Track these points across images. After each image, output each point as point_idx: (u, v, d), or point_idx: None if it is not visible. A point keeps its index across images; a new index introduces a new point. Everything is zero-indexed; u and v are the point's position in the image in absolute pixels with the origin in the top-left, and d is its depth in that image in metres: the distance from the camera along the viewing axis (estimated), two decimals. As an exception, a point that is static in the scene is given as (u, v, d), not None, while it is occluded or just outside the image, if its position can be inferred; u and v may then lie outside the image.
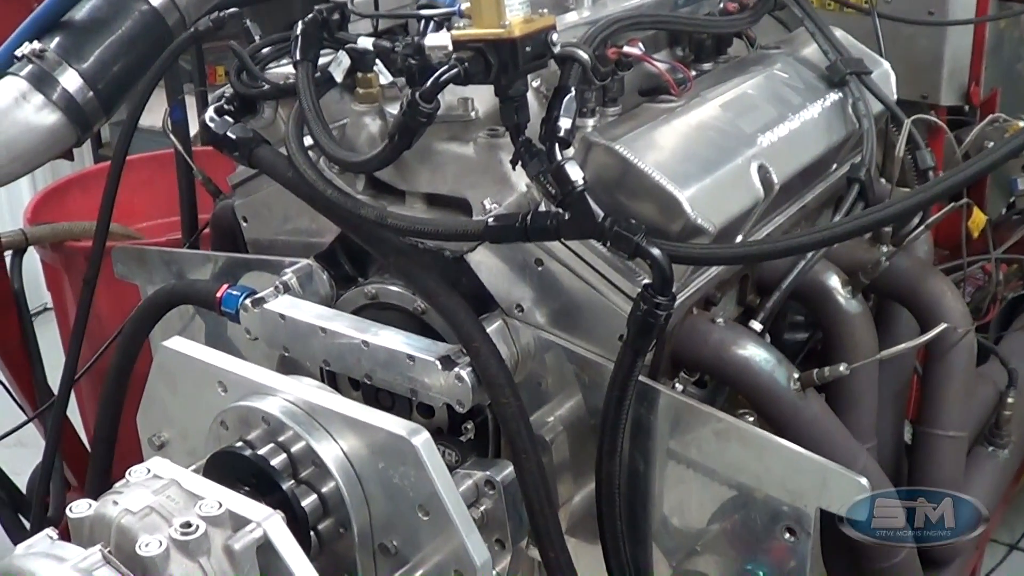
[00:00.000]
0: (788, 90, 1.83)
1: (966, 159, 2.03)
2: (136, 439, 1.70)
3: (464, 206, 1.58)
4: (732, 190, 1.57)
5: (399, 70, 1.51)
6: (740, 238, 1.61)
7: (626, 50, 1.59)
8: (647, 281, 1.37)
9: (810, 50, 1.97)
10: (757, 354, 1.55)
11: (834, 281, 1.73)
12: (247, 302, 1.65)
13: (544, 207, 1.43)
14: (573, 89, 1.41)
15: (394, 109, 1.55)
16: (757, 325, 1.64)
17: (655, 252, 1.34)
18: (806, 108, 1.81)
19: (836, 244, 1.67)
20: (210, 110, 1.65)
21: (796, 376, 1.55)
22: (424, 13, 1.53)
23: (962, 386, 1.87)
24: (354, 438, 1.41)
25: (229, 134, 1.61)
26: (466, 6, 1.38)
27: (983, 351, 2.14)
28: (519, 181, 1.51)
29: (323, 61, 1.59)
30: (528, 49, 1.34)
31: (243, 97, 1.68)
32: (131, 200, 3.06)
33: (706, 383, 1.67)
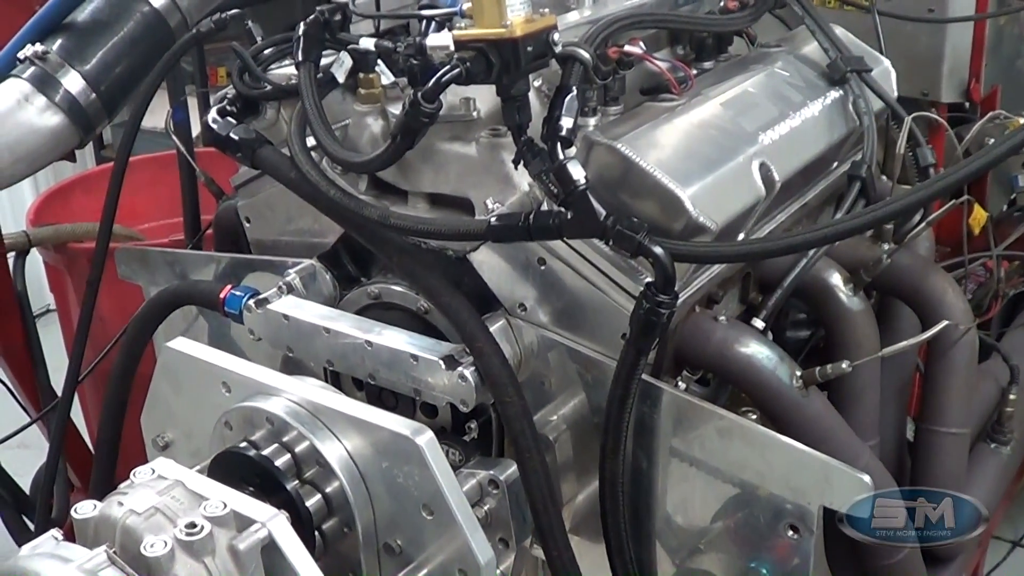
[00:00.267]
0: (789, 88, 1.83)
1: (967, 156, 2.03)
2: (140, 440, 1.71)
3: (467, 206, 1.58)
4: (734, 188, 1.57)
5: (401, 70, 1.52)
6: (742, 236, 1.61)
7: (627, 49, 1.59)
8: (649, 279, 1.37)
9: (811, 48, 1.97)
10: (760, 352, 1.55)
11: (836, 279, 1.73)
12: (250, 303, 1.65)
13: (546, 206, 1.43)
14: (575, 88, 1.40)
15: (396, 109, 1.56)
16: (759, 323, 1.64)
17: (657, 250, 1.34)
18: (807, 106, 1.81)
19: (837, 242, 1.67)
20: (213, 111, 1.65)
21: (799, 374, 1.56)
22: (426, 13, 1.53)
23: (964, 383, 1.87)
24: (358, 438, 1.41)
25: (232, 135, 1.61)
26: (467, 6, 1.38)
27: (985, 348, 2.14)
28: (521, 180, 1.51)
29: (325, 62, 1.59)
30: (530, 49, 1.34)
31: (245, 98, 1.68)
32: (134, 201, 3.06)
33: (709, 381, 1.68)
